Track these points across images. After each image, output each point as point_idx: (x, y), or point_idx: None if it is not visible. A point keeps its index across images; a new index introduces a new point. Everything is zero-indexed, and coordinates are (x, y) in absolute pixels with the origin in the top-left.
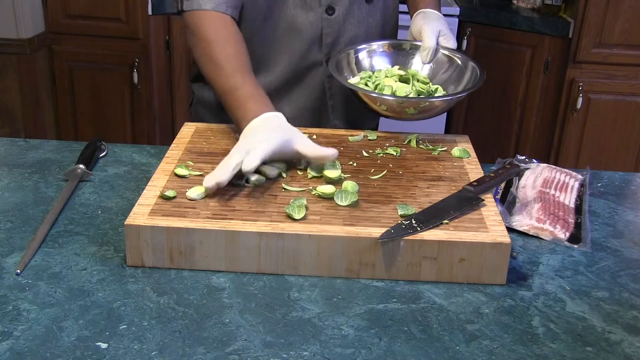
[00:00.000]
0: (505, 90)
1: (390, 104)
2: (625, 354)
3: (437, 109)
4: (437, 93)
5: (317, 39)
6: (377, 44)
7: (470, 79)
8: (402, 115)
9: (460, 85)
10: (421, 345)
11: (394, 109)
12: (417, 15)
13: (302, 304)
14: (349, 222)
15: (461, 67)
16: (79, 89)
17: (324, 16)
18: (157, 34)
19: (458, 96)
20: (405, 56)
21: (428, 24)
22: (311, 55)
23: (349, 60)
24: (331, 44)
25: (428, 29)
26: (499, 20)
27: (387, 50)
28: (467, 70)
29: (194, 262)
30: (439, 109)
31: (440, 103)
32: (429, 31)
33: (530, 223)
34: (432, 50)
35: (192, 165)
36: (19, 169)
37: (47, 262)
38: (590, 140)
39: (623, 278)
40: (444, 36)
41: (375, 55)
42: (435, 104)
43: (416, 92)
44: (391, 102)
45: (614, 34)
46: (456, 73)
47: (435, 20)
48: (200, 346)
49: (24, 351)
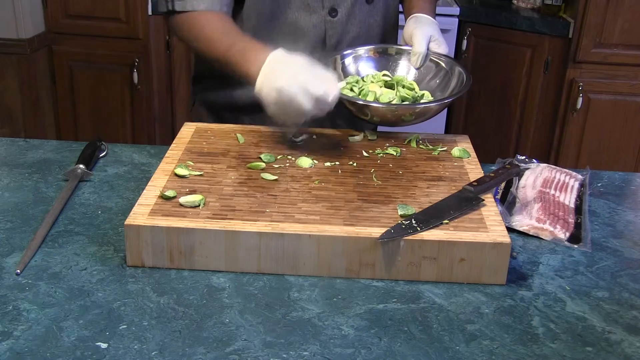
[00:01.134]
0: (505, 90)
1: (379, 111)
2: (625, 354)
3: (428, 114)
4: (424, 99)
5: (320, 41)
6: (363, 49)
7: (457, 84)
8: (391, 122)
9: (447, 91)
10: (421, 345)
11: (380, 115)
12: (409, 20)
13: (302, 304)
14: (349, 222)
15: (448, 72)
16: (79, 89)
17: (327, 18)
18: (157, 34)
19: (443, 102)
20: (391, 61)
21: (419, 29)
22: (315, 57)
23: (335, 66)
24: (334, 46)
25: (419, 34)
26: (499, 20)
27: (372, 55)
28: (453, 76)
29: (194, 262)
30: (429, 114)
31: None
32: (419, 36)
33: (530, 223)
34: (421, 56)
35: (192, 165)
36: (19, 169)
37: (47, 262)
38: (590, 140)
39: (623, 278)
40: (435, 41)
41: (362, 60)
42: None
43: (400, 98)
44: (379, 110)
45: (614, 34)
46: (444, 79)
47: (427, 25)
48: (200, 346)
49: (24, 351)
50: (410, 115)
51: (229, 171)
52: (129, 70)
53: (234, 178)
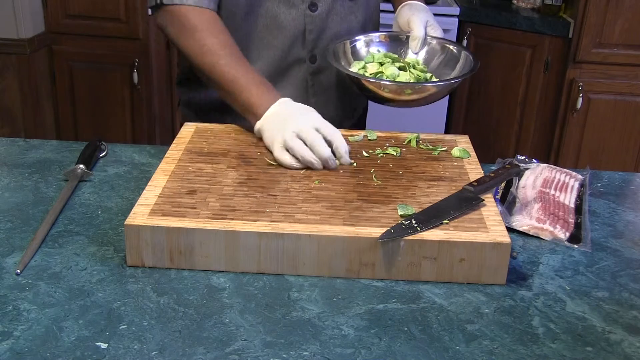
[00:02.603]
0: (505, 90)
1: (392, 88)
2: (625, 354)
3: (438, 93)
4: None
5: (300, 35)
6: (374, 35)
7: (463, 66)
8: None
9: (454, 72)
10: (421, 345)
11: (395, 92)
12: (403, 7)
13: (302, 304)
14: (349, 222)
15: (455, 55)
16: (79, 89)
17: (307, 12)
18: (157, 34)
19: (454, 81)
20: (401, 46)
21: (416, 15)
22: (294, 52)
23: (344, 50)
24: (314, 41)
25: (416, 19)
26: (499, 20)
27: (383, 40)
28: (460, 58)
29: (194, 262)
30: (439, 93)
31: (440, 87)
32: (417, 21)
33: (530, 223)
34: (421, 40)
35: (192, 165)
36: (19, 169)
37: (47, 262)
38: (590, 140)
39: (623, 278)
40: (431, 26)
41: (373, 45)
42: (433, 88)
43: (415, 79)
44: (392, 87)
45: (614, 34)
46: (450, 61)
47: (422, 11)
48: (200, 346)
49: (24, 351)
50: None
51: (229, 171)
52: (129, 70)
53: (234, 178)
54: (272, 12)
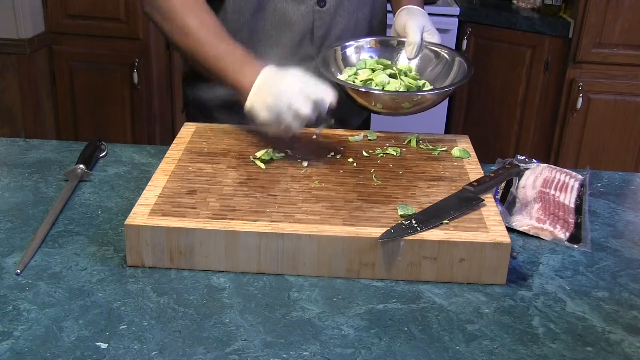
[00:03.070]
0: (505, 90)
1: (383, 99)
2: (625, 354)
3: (428, 102)
4: (424, 88)
5: (308, 32)
6: (364, 40)
7: (457, 73)
8: (396, 110)
9: (448, 80)
10: (421, 345)
11: (386, 104)
12: (400, 12)
13: (302, 304)
14: (349, 222)
15: (449, 62)
16: (79, 89)
17: (316, 8)
18: (157, 34)
19: (446, 90)
20: (393, 52)
21: (412, 20)
22: (302, 48)
23: (335, 57)
24: (322, 37)
25: (413, 25)
26: (499, 20)
27: (374, 46)
28: (454, 65)
29: (194, 262)
30: (430, 102)
31: (431, 97)
32: (413, 26)
33: (530, 223)
34: (417, 46)
35: (192, 165)
36: (19, 169)
37: (47, 262)
38: (590, 140)
39: (623, 278)
40: (428, 31)
41: (363, 51)
42: (426, 97)
43: (405, 87)
44: (383, 97)
45: (614, 34)
46: (444, 68)
47: (420, 16)
48: (200, 346)
49: (24, 351)
50: (409, 103)
51: (229, 171)
52: (129, 70)
53: (234, 178)
54: (281, 9)
